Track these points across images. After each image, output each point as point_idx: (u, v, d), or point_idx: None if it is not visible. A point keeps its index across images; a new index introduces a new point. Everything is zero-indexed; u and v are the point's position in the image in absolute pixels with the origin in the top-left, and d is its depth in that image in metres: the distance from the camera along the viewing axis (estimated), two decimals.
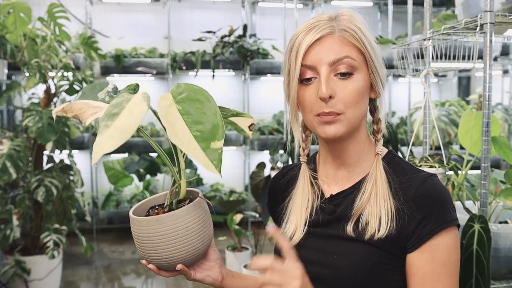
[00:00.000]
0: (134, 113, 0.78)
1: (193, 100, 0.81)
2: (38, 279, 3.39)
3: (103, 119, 0.78)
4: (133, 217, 0.91)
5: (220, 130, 0.78)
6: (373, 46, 0.89)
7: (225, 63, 5.11)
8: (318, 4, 5.45)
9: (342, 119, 0.87)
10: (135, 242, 0.92)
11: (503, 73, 5.57)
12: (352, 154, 0.94)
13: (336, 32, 0.87)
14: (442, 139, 4.13)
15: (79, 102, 0.94)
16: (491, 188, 1.60)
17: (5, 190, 3.46)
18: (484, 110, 1.38)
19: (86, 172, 5.01)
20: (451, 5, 5.35)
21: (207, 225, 0.92)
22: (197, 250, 0.91)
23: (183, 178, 0.92)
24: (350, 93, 0.86)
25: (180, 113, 0.79)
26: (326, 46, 0.86)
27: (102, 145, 0.75)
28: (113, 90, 0.96)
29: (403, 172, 0.92)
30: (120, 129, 0.76)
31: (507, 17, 1.46)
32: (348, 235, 0.89)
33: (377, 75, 0.89)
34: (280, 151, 4.68)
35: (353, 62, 0.86)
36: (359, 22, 0.89)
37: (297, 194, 0.99)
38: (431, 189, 0.87)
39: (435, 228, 0.85)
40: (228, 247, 3.94)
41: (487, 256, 1.27)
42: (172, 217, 0.87)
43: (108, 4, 5.31)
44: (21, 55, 3.47)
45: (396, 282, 0.88)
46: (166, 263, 0.90)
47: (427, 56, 1.71)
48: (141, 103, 0.80)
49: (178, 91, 0.83)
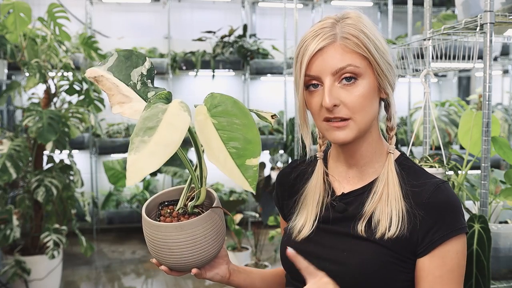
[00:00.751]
0: (176, 125, 0.71)
1: (229, 115, 0.77)
2: (38, 279, 3.39)
3: (136, 134, 0.70)
4: (148, 221, 0.88)
5: (257, 146, 0.75)
6: (379, 48, 0.88)
7: (225, 63, 5.11)
8: (318, 4, 5.45)
9: (351, 125, 0.88)
10: (147, 244, 0.90)
11: (503, 73, 5.57)
12: (364, 154, 0.95)
13: (338, 41, 0.86)
14: (442, 139, 4.13)
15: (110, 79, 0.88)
16: (491, 188, 1.60)
17: (5, 190, 3.46)
18: (484, 110, 1.38)
19: (86, 172, 5.01)
20: (451, 5, 5.35)
21: (222, 230, 0.93)
22: (212, 254, 0.92)
23: (204, 186, 0.89)
24: (356, 100, 0.86)
25: (215, 127, 0.75)
26: (329, 55, 0.86)
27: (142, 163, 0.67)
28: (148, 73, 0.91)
29: (415, 176, 0.93)
30: (163, 144, 0.68)
31: (507, 17, 1.46)
32: (359, 234, 0.90)
33: (384, 77, 0.89)
34: (280, 151, 4.69)
35: (357, 69, 0.86)
36: (364, 25, 0.88)
37: (310, 189, 1.00)
38: (444, 196, 0.89)
39: (447, 234, 0.86)
40: (228, 247, 3.94)
41: (487, 256, 1.27)
42: (192, 225, 0.86)
43: (108, 4, 5.31)
44: (21, 55, 3.47)
45: (402, 282, 0.89)
46: (181, 266, 0.90)
47: (427, 56, 1.71)
48: (181, 113, 0.73)
49: (214, 103, 0.78)
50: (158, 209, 0.96)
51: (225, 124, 0.75)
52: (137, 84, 0.89)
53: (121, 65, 0.90)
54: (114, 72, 0.90)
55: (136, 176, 0.66)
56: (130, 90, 0.88)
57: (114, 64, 0.91)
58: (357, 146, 0.94)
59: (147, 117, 0.73)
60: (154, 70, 0.91)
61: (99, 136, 5.00)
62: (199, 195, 0.90)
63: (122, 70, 0.90)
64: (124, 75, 0.90)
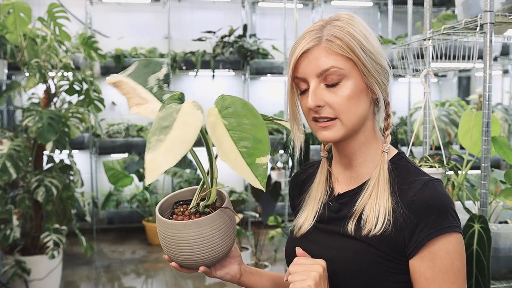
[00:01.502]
0: (190, 123, 0.75)
1: (239, 116, 0.81)
2: (38, 279, 3.39)
3: (153, 134, 0.73)
4: (161, 219, 0.93)
5: (266, 145, 0.78)
6: (366, 48, 0.89)
7: (225, 63, 5.11)
8: (318, 4, 5.45)
9: (337, 125, 0.90)
10: (159, 240, 0.95)
11: (503, 73, 5.57)
12: (358, 155, 0.96)
13: (323, 43, 0.88)
14: (442, 139, 4.13)
15: (129, 84, 0.93)
16: (491, 188, 1.60)
17: (5, 190, 3.46)
18: (484, 110, 1.38)
19: (86, 172, 5.01)
20: (451, 5, 5.35)
21: (231, 230, 0.95)
22: (221, 254, 0.94)
23: (215, 186, 0.93)
24: (340, 100, 0.88)
25: (226, 128, 0.79)
26: (313, 57, 0.89)
27: (159, 161, 0.70)
28: (164, 78, 0.96)
29: (407, 174, 0.93)
30: (179, 141, 0.72)
31: (507, 17, 1.46)
32: (348, 232, 0.91)
33: (371, 77, 0.90)
34: (280, 151, 4.69)
35: (340, 71, 0.88)
36: (352, 26, 0.89)
37: (313, 187, 1.03)
38: (429, 194, 0.87)
39: (431, 233, 0.85)
40: None
41: (487, 256, 1.27)
42: (199, 224, 0.90)
43: (108, 4, 5.31)
44: (21, 55, 3.47)
45: (393, 284, 0.89)
46: (190, 263, 0.94)
47: (427, 56, 1.71)
48: (194, 112, 0.77)
49: (224, 105, 0.82)
50: (172, 208, 1.00)
51: (236, 124, 0.79)
52: (153, 88, 0.94)
53: (140, 72, 0.96)
54: (133, 77, 0.96)
55: (154, 174, 0.69)
56: (147, 92, 0.93)
57: (134, 71, 0.97)
58: (349, 146, 0.95)
59: (162, 117, 0.77)
60: (170, 76, 0.97)
61: (99, 136, 5.00)
62: (210, 195, 0.94)
63: (140, 76, 0.95)
64: (142, 80, 0.95)
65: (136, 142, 5.00)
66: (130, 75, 0.96)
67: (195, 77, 5.21)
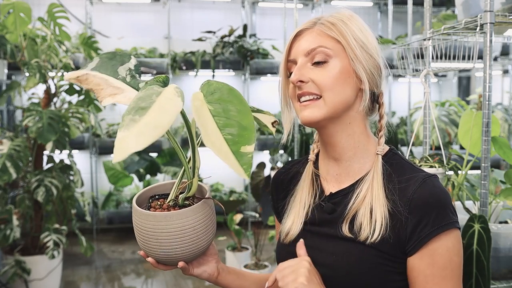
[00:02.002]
0: (168, 109, 0.72)
1: (225, 102, 0.78)
2: (38, 279, 3.39)
3: (128, 112, 0.70)
4: (138, 210, 0.88)
5: (252, 133, 0.76)
6: (358, 38, 0.91)
7: (225, 63, 5.11)
8: (318, 4, 5.45)
9: (319, 103, 0.90)
10: (136, 234, 0.90)
11: (503, 73, 5.57)
12: (346, 147, 0.94)
13: (316, 27, 0.92)
14: (442, 139, 4.13)
15: (98, 75, 0.88)
16: (491, 188, 1.60)
17: (5, 190, 3.46)
18: (484, 110, 1.38)
19: (86, 172, 5.01)
20: (451, 5, 5.35)
21: (212, 223, 0.91)
22: (201, 248, 0.90)
23: (196, 177, 0.90)
24: (324, 78, 0.89)
25: (211, 114, 0.76)
26: (304, 39, 0.92)
27: (129, 142, 0.67)
28: (135, 68, 0.91)
29: (403, 172, 0.91)
30: (152, 126, 0.69)
31: (507, 17, 1.46)
32: (344, 235, 0.89)
33: (359, 63, 0.90)
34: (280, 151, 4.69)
35: (327, 51, 0.90)
36: (348, 18, 0.92)
37: (298, 190, 1.00)
38: (428, 191, 0.86)
39: (433, 231, 0.84)
40: (228, 247, 3.94)
41: (487, 256, 1.27)
42: (181, 215, 0.86)
43: (108, 4, 5.31)
44: (21, 55, 3.47)
45: (395, 283, 0.88)
46: (168, 259, 0.89)
47: (427, 56, 1.71)
48: (175, 98, 0.74)
49: (210, 90, 0.79)
50: (148, 202, 0.95)
51: (221, 110, 0.77)
52: (126, 78, 0.90)
53: (106, 65, 0.91)
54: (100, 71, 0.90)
55: (122, 154, 0.66)
56: (121, 82, 0.88)
57: (98, 65, 0.91)
58: (335, 136, 0.93)
59: (141, 97, 0.73)
60: (140, 67, 0.92)
61: (99, 136, 5.00)
62: (191, 186, 0.90)
63: (108, 68, 0.90)
64: (111, 72, 0.90)
65: None
66: (95, 69, 0.90)
67: (195, 77, 5.21)
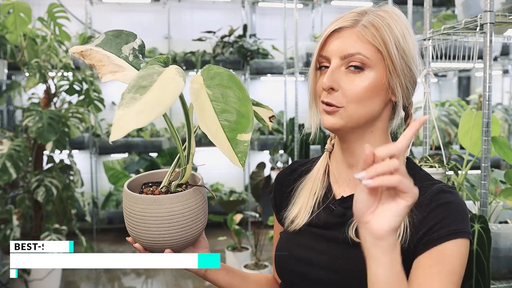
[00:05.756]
0: (169, 88, 0.70)
1: (224, 87, 0.76)
2: (38, 279, 3.39)
3: (129, 91, 0.69)
4: (127, 192, 0.87)
5: (250, 122, 0.73)
6: (401, 47, 0.84)
7: (225, 63, 5.10)
8: (318, 4, 5.45)
9: (341, 113, 0.85)
10: (125, 219, 0.89)
11: (503, 73, 5.57)
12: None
13: (357, 27, 0.84)
14: (442, 139, 4.13)
15: (101, 52, 0.87)
16: (491, 188, 1.60)
17: (5, 190, 3.46)
18: (484, 110, 1.38)
19: (86, 172, 5.01)
20: (451, 5, 5.35)
21: (203, 213, 0.90)
22: (189, 237, 0.88)
23: (190, 163, 0.87)
24: (355, 88, 0.84)
25: (209, 98, 0.74)
26: (343, 38, 0.85)
27: (128, 119, 0.65)
28: (139, 48, 0.90)
29: (420, 181, 0.86)
30: (153, 104, 0.67)
31: (507, 17, 1.46)
32: (354, 240, 0.85)
33: (396, 77, 0.85)
34: (280, 151, 4.68)
35: (365, 60, 0.83)
36: (394, 20, 0.86)
37: (309, 179, 0.96)
38: (447, 197, 0.83)
39: (448, 235, 0.80)
40: (228, 247, 3.94)
41: (487, 256, 1.27)
42: (171, 200, 0.84)
43: (108, 4, 5.31)
44: (21, 55, 3.47)
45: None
46: (155, 245, 0.87)
47: (427, 56, 1.71)
48: (177, 78, 0.72)
49: (210, 75, 0.77)
50: (141, 188, 0.94)
51: (219, 96, 0.75)
52: (129, 57, 0.88)
53: (111, 42, 0.90)
54: (104, 47, 0.89)
55: (121, 131, 0.65)
56: (123, 60, 0.87)
57: (103, 42, 0.90)
58: (355, 144, 0.90)
59: (142, 76, 0.72)
60: (145, 47, 0.91)
61: (99, 136, 5.00)
62: (184, 173, 0.88)
63: (112, 46, 0.89)
64: (115, 50, 0.89)
65: (136, 142, 5.00)
66: (99, 45, 0.89)
67: None
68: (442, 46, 1.65)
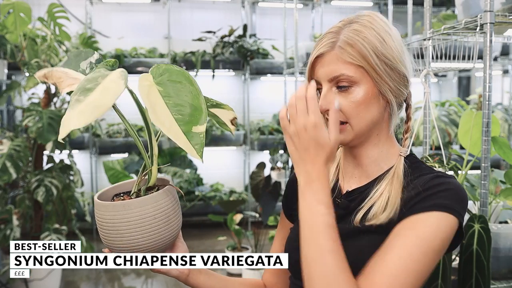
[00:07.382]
0: (109, 90, 0.74)
1: (174, 82, 0.79)
2: (38, 279, 3.39)
3: (75, 93, 0.74)
4: (97, 202, 0.87)
5: (203, 114, 0.77)
6: (381, 54, 0.88)
7: (225, 63, 5.11)
8: (318, 4, 5.45)
9: (347, 129, 0.91)
10: (98, 229, 0.89)
11: (503, 73, 5.57)
12: (370, 155, 0.96)
13: (335, 49, 0.89)
14: (442, 139, 4.13)
15: (59, 70, 0.93)
16: (491, 188, 1.60)
17: (5, 190, 3.46)
18: (484, 110, 1.38)
19: (86, 172, 5.01)
20: (451, 5, 5.35)
21: (176, 214, 0.90)
22: (164, 240, 0.88)
23: (155, 164, 0.89)
24: (349, 105, 0.89)
25: (160, 94, 0.77)
26: (325, 62, 0.90)
27: (71, 120, 0.71)
28: (96, 61, 0.95)
29: (422, 171, 0.92)
30: (93, 106, 0.72)
31: (507, 17, 1.46)
32: (355, 226, 0.91)
33: (383, 84, 0.89)
34: (280, 151, 4.68)
35: (350, 78, 0.88)
36: (369, 30, 0.89)
37: None
38: (445, 180, 0.87)
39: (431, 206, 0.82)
40: (228, 247, 3.94)
41: (487, 256, 1.27)
42: (140, 203, 0.84)
43: (108, 4, 5.31)
44: (21, 55, 3.47)
45: None
46: (131, 251, 0.87)
47: (427, 56, 1.71)
48: (118, 81, 0.76)
49: (159, 72, 0.80)
50: (112, 199, 0.94)
51: (170, 91, 0.78)
52: (86, 70, 0.94)
53: (71, 61, 0.96)
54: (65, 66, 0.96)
55: (65, 131, 0.71)
56: (80, 73, 0.93)
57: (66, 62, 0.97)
58: (362, 148, 0.95)
59: (88, 79, 0.77)
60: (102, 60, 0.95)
61: (99, 136, 5.00)
62: (150, 175, 0.89)
63: (72, 63, 0.96)
64: (74, 66, 0.95)
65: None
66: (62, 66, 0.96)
67: (195, 77, 5.21)
68: (442, 46, 1.65)
